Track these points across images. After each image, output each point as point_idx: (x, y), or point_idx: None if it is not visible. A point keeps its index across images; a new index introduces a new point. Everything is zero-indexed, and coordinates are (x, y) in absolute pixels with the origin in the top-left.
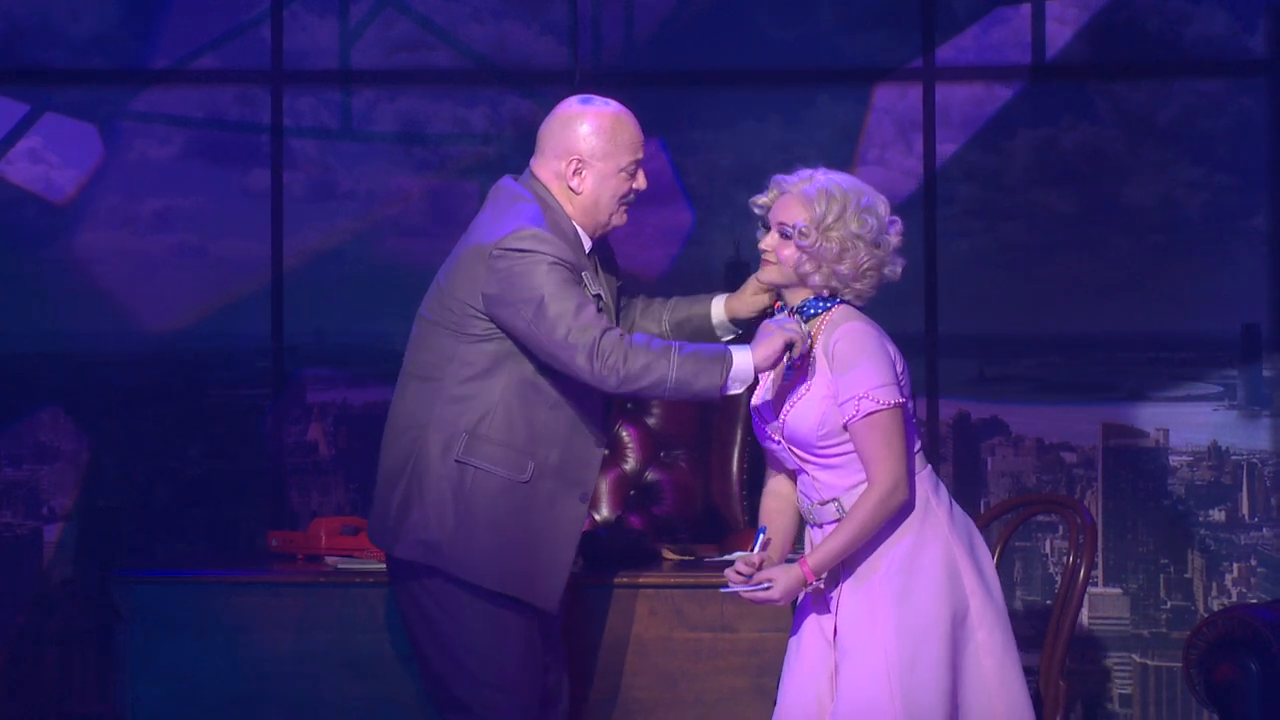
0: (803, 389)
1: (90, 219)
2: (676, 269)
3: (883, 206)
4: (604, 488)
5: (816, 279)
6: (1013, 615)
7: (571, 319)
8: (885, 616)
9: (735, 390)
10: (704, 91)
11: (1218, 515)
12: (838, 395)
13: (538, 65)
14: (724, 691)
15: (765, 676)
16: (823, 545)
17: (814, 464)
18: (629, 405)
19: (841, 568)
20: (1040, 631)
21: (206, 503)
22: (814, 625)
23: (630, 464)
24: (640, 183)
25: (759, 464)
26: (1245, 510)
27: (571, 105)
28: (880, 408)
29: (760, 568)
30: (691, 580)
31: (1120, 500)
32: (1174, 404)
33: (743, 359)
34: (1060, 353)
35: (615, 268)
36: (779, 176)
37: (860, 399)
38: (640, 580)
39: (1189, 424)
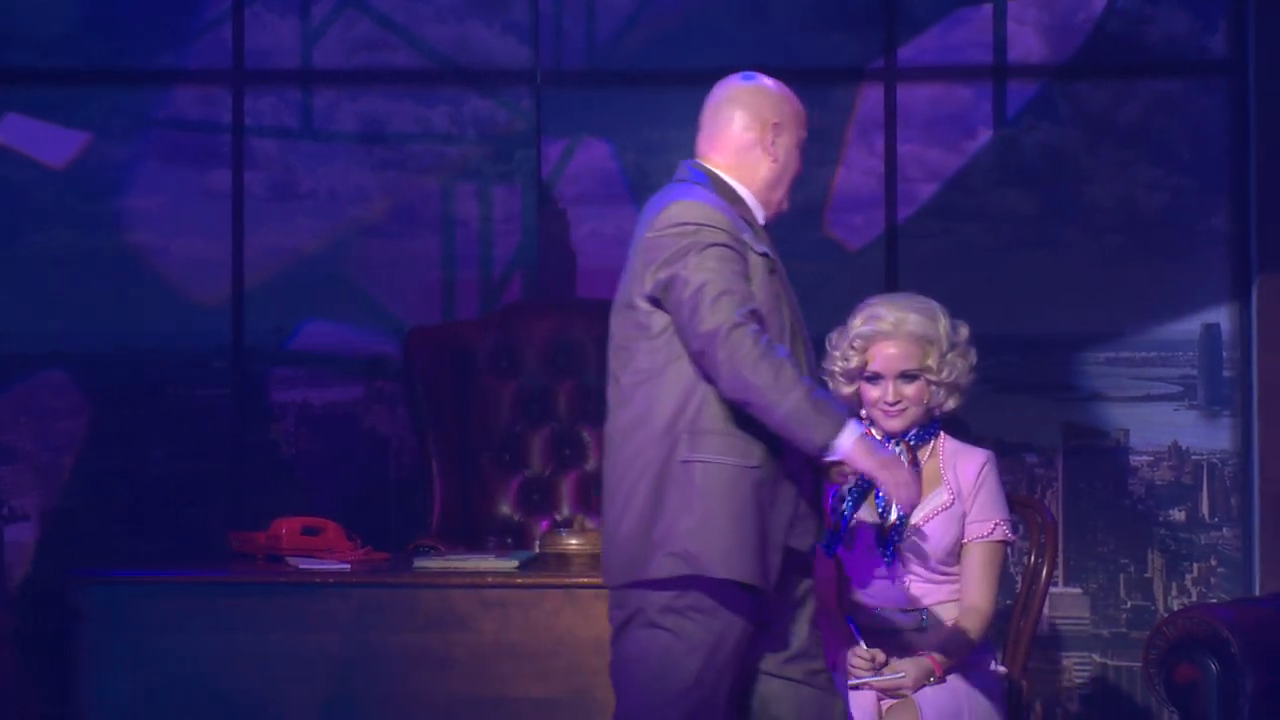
0: (939, 505)
1: (48, 219)
2: None
3: None
4: (564, 488)
5: (950, 403)
6: None
7: (710, 302)
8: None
9: (827, 457)
10: (666, 91)
11: (1178, 515)
12: (970, 514)
13: (499, 65)
14: None
15: None
16: (947, 647)
17: (920, 576)
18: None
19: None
20: (1002, 631)
21: (166, 503)
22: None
23: (591, 464)
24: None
25: None
26: (1205, 510)
27: (753, 77)
28: (1007, 539)
29: (874, 660)
30: None
31: (1080, 500)
32: (1134, 404)
33: (851, 436)
34: (1020, 353)
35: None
36: (857, 333)
37: (997, 524)
38: (601, 581)
39: (1149, 424)
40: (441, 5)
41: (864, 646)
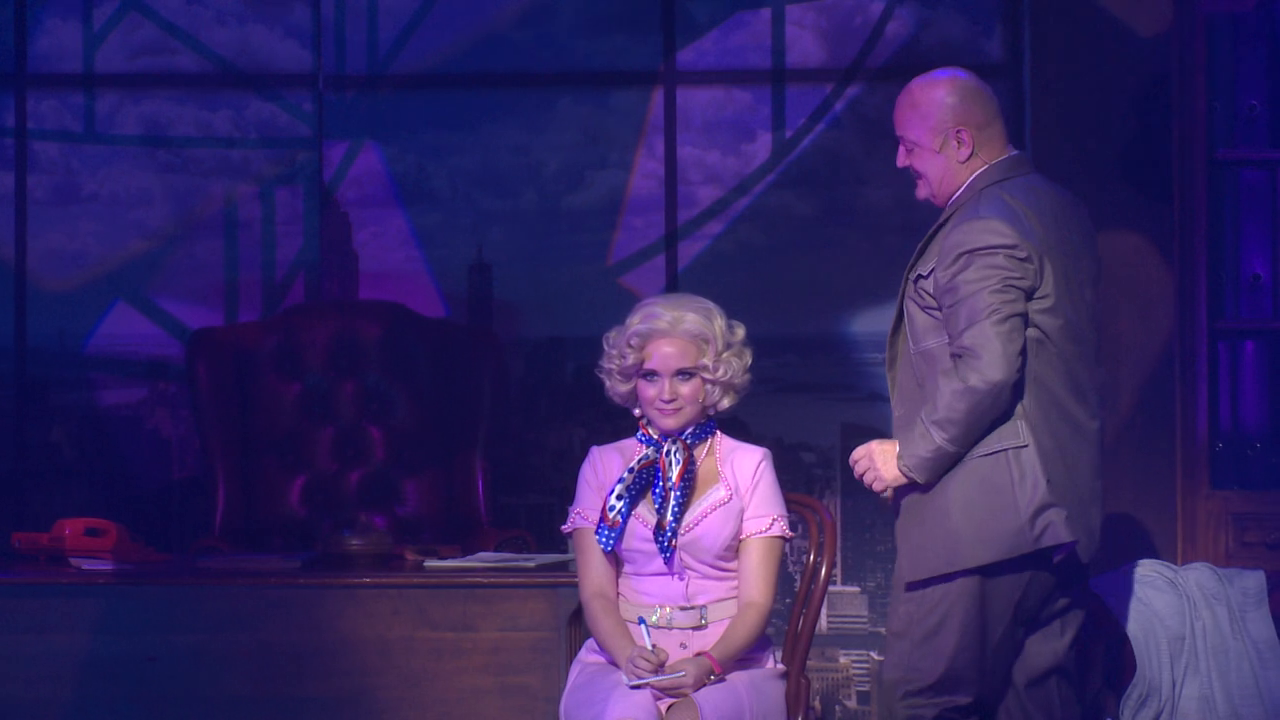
0: (717, 500)
1: None
2: (418, 271)
3: None
4: (348, 488)
5: (726, 402)
6: None
7: None
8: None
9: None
10: (446, 94)
11: None
12: (748, 510)
13: (280, 68)
14: (466, 690)
15: (507, 675)
16: (725, 644)
17: (699, 572)
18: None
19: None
20: (781, 630)
21: None
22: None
23: (374, 464)
24: None
25: (501, 465)
26: None
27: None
28: (785, 535)
29: (659, 660)
30: (435, 580)
31: (858, 500)
32: None
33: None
34: (799, 353)
35: None
36: (634, 331)
37: (775, 519)
38: (383, 580)
39: None
40: (223, 9)
41: (649, 646)
